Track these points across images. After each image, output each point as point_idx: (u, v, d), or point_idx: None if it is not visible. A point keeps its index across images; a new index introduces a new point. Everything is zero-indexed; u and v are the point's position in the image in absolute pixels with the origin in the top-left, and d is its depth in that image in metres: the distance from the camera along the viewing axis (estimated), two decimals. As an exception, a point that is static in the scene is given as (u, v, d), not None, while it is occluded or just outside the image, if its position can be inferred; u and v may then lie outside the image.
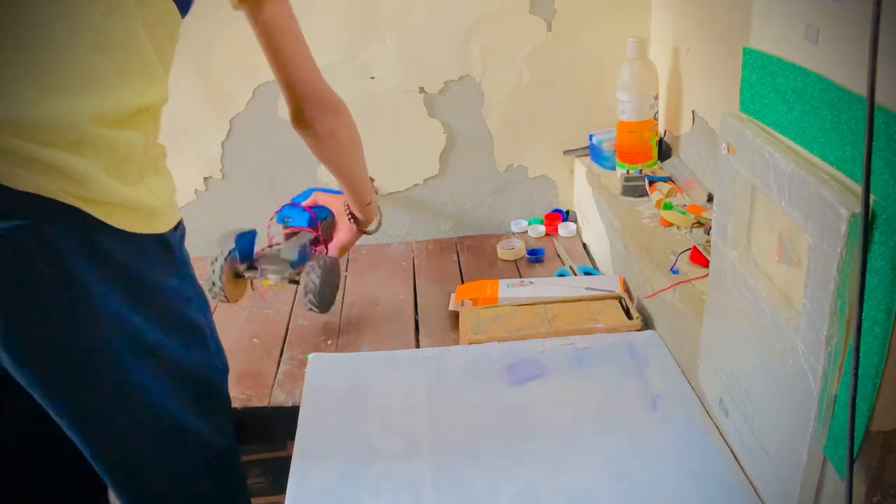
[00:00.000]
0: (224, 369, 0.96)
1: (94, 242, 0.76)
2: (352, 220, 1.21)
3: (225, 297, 1.20)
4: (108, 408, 0.82)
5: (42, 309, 0.76)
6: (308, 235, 1.24)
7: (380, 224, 1.27)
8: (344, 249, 1.24)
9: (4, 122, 0.70)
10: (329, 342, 1.28)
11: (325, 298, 1.24)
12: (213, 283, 1.18)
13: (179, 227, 0.87)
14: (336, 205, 1.26)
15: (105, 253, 0.77)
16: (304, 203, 1.29)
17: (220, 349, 0.95)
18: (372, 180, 1.25)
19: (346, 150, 1.10)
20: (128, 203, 0.78)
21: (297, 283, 1.23)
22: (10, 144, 0.70)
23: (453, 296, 1.34)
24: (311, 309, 1.24)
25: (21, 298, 0.75)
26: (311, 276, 1.21)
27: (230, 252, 1.19)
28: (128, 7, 0.77)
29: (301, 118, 1.04)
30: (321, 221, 1.27)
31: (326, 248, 1.29)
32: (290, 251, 1.21)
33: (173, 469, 0.90)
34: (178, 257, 0.86)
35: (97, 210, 0.75)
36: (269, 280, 1.22)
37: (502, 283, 1.31)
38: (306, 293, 1.22)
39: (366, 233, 1.26)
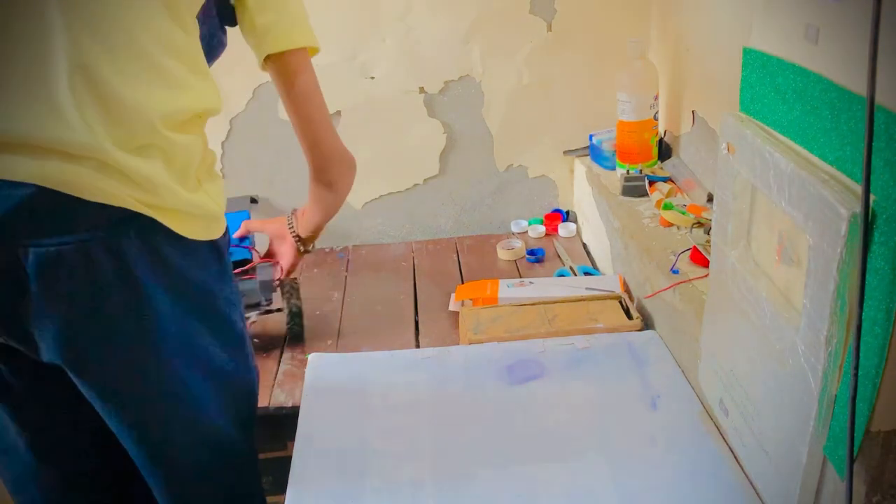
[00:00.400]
0: (257, 376, 0.96)
1: (157, 250, 0.77)
2: (298, 241, 1.21)
3: None
4: (162, 415, 0.84)
5: (107, 318, 0.77)
6: (267, 268, 1.25)
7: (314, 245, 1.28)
8: (293, 270, 1.24)
9: (86, 108, 0.71)
10: (329, 342, 1.28)
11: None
12: None
13: (227, 233, 0.88)
14: (273, 228, 1.25)
15: (166, 260, 0.78)
16: (236, 234, 1.29)
17: (253, 355, 0.96)
18: None
19: (345, 196, 1.14)
20: (192, 209, 0.79)
21: (272, 311, 1.25)
22: (84, 150, 0.70)
23: (453, 296, 1.34)
24: (297, 333, 1.28)
25: (87, 307, 0.75)
26: (293, 301, 1.27)
27: None
28: (185, 18, 0.78)
29: (324, 177, 1.07)
30: (254, 248, 1.29)
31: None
32: (258, 292, 1.22)
33: (210, 472, 0.90)
34: (226, 262, 0.87)
35: (165, 217, 0.76)
36: (251, 319, 1.26)
37: (502, 283, 1.31)
38: (292, 318, 1.27)
39: (306, 252, 1.26)
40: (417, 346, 1.26)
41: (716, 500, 0.85)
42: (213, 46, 0.88)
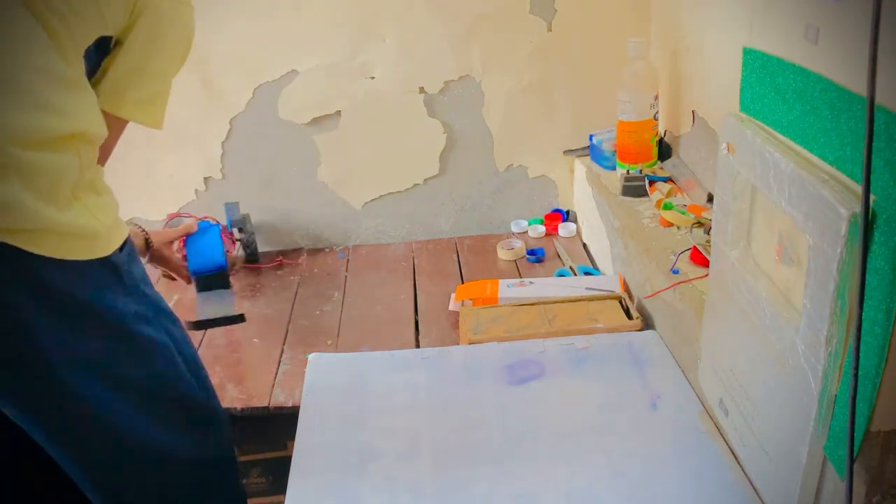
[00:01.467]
0: (202, 383, 0.95)
1: (35, 272, 0.75)
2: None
3: None
4: (81, 436, 0.83)
5: None
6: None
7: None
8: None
9: None
10: (329, 342, 1.28)
11: None
12: None
13: (125, 247, 0.85)
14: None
15: (46, 282, 0.76)
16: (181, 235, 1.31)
17: (195, 363, 0.94)
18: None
19: None
20: (63, 229, 0.76)
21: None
22: None
23: (453, 296, 1.34)
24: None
25: None
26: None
27: None
28: (67, 50, 0.77)
29: None
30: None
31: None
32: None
33: (160, 485, 0.90)
34: (126, 278, 0.84)
35: (28, 241, 0.74)
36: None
37: (502, 283, 1.31)
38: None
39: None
40: (417, 346, 1.26)
41: (716, 500, 0.85)
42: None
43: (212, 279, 1.26)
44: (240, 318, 1.22)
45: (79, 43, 0.78)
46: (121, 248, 0.83)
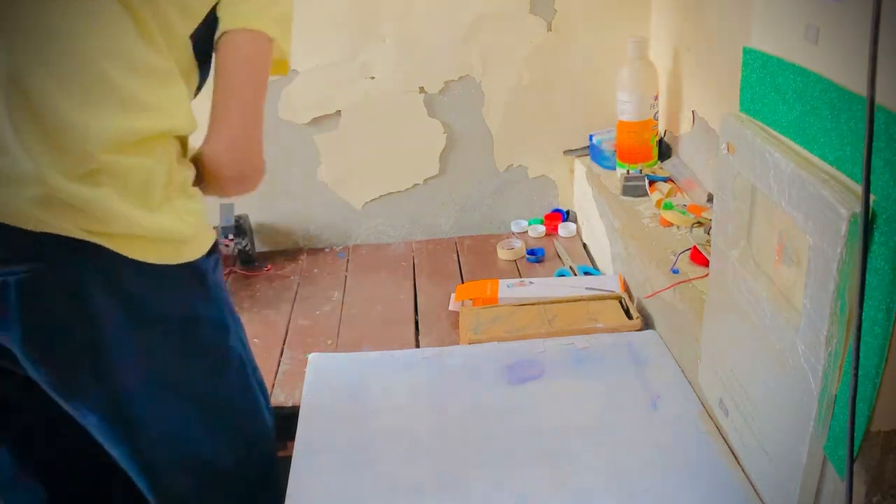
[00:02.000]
0: (265, 397, 0.95)
1: (115, 278, 0.74)
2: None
3: None
4: (147, 443, 0.82)
5: (65, 352, 0.75)
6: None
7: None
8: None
9: (26, 133, 0.67)
10: (329, 342, 1.28)
11: None
12: None
13: (213, 253, 0.83)
14: None
15: (126, 288, 0.75)
16: None
17: (259, 378, 0.94)
18: None
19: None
20: (152, 233, 0.74)
21: None
22: (25, 180, 0.67)
23: (453, 296, 1.34)
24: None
25: (45, 340, 0.74)
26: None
27: None
28: (156, 37, 0.74)
29: (206, 175, 0.87)
30: None
31: None
32: None
33: (203, 495, 0.89)
34: (211, 285, 0.82)
35: (119, 244, 0.73)
36: None
37: (502, 283, 1.31)
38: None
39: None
40: (417, 346, 1.26)
41: (716, 500, 0.85)
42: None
43: None
44: None
45: (165, 27, 0.74)
46: (208, 254, 0.81)
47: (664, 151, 1.44)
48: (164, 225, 0.75)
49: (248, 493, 0.93)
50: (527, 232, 1.62)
